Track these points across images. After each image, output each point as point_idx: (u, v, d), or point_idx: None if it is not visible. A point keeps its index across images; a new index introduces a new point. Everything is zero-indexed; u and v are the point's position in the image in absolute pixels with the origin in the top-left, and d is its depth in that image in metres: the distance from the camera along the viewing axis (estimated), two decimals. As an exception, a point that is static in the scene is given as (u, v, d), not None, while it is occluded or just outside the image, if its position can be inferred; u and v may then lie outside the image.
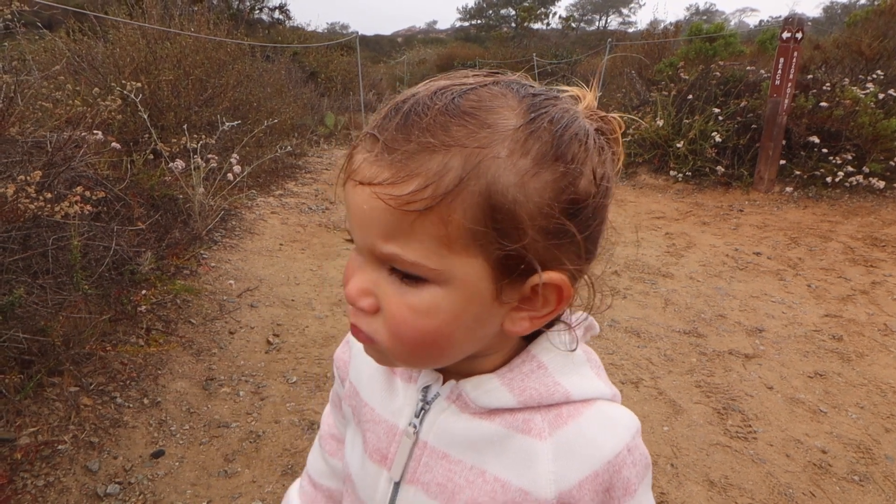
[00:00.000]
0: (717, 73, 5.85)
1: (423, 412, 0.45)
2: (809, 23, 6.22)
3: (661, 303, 2.87)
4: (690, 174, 5.33)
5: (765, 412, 1.98)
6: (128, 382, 1.86)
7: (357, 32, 8.48)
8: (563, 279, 0.38)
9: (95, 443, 1.61)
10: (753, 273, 3.33)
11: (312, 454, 0.66)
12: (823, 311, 2.82)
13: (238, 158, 3.56)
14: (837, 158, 4.80)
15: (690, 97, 5.67)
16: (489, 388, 0.43)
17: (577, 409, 0.43)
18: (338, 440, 0.62)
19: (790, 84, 4.83)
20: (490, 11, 41.67)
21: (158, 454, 1.61)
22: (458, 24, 48.42)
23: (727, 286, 3.12)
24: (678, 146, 5.36)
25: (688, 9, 52.55)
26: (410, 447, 0.45)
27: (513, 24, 34.70)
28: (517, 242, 0.36)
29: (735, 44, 6.65)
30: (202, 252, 2.95)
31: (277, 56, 7.35)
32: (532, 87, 0.39)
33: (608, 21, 48.20)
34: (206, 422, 1.78)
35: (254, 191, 4.14)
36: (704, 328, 2.61)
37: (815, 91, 5.03)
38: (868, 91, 4.84)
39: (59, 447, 1.55)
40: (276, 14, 13.00)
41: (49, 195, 1.84)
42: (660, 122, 5.58)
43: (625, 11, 48.07)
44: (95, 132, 2.56)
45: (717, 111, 5.36)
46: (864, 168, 4.70)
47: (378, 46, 32.89)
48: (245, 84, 4.88)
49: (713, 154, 5.23)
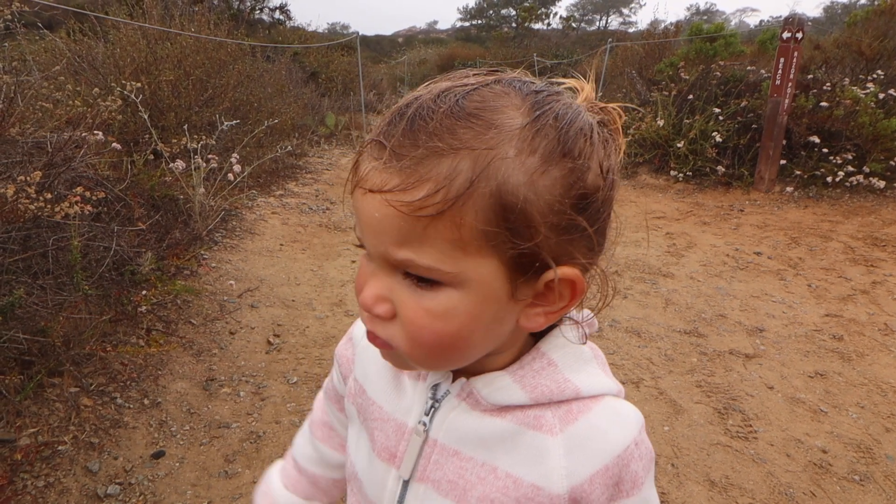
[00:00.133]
0: (718, 73, 5.85)
1: (433, 410, 0.45)
2: (809, 23, 6.22)
3: (662, 303, 2.87)
4: (691, 174, 5.33)
5: (765, 412, 1.98)
6: (128, 383, 1.87)
7: (357, 32, 8.48)
8: (577, 273, 0.38)
9: (96, 443, 1.61)
10: (754, 273, 3.33)
11: (300, 438, 0.65)
12: (824, 311, 2.82)
13: (238, 158, 3.56)
14: (838, 158, 4.80)
15: (691, 97, 5.67)
16: (501, 386, 0.43)
17: (587, 405, 0.44)
18: (329, 428, 0.62)
19: (790, 84, 4.83)
20: (491, 11, 41.68)
21: (159, 455, 1.61)
22: (459, 25, 48.45)
23: (728, 286, 3.12)
24: (679, 146, 5.36)
25: (688, 9, 52.55)
26: (420, 445, 0.45)
27: (513, 25, 34.71)
28: (530, 241, 0.36)
29: (735, 44, 6.64)
30: (202, 252, 2.95)
31: (278, 56, 7.35)
32: (533, 84, 0.39)
33: (609, 21, 48.22)
34: (207, 422, 1.78)
35: (254, 191, 4.14)
36: (705, 328, 2.61)
37: (816, 91, 5.03)
38: (868, 91, 4.83)
39: (60, 448, 1.56)
40: (277, 14, 13.01)
41: (49, 195, 1.84)
42: (660, 122, 5.58)
43: (625, 11, 48.08)
44: (96, 132, 2.56)
45: (718, 111, 5.35)
46: (865, 168, 4.70)
47: (379, 47, 32.90)
48: (246, 84, 4.88)
49: (714, 154, 5.23)
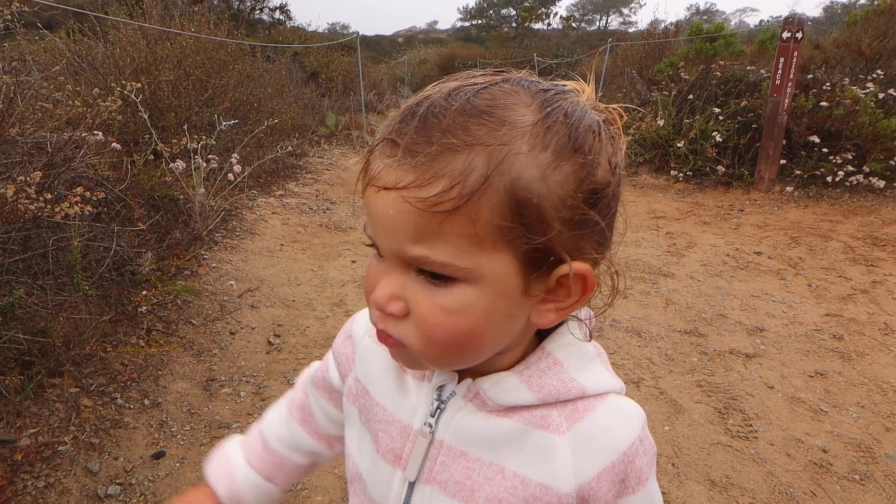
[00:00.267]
0: (718, 73, 5.85)
1: (439, 411, 0.45)
2: (809, 22, 6.22)
3: (662, 302, 2.87)
4: (691, 174, 5.33)
5: (766, 411, 1.98)
6: (128, 383, 1.87)
7: (357, 32, 8.48)
8: (588, 268, 0.39)
9: (96, 444, 1.61)
10: (754, 272, 3.33)
11: (274, 416, 0.63)
12: (824, 311, 2.82)
13: (238, 159, 3.56)
14: (837, 158, 4.80)
15: (691, 97, 5.67)
16: (508, 387, 0.43)
17: (592, 403, 0.44)
18: (308, 413, 0.61)
19: (790, 84, 4.83)
20: (491, 11, 41.68)
21: (159, 455, 1.61)
22: (459, 25, 48.45)
23: (728, 286, 3.12)
24: (679, 146, 5.36)
25: (688, 9, 52.55)
26: (426, 447, 0.45)
27: (513, 24, 34.71)
28: (544, 235, 0.36)
29: (735, 44, 6.64)
30: (203, 252, 2.95)
31: (278, 56, 7.35)
32: (540, 83, 0.39)
33: (609, 21, 48.22)
34: (207, 423, 1.77)
35: (254, 191, 4.14)
36: (705, 328, 2.61)
37: (816, 91, 5.03)
38: (868, 91, 4.83)
39: (60, 448, 1.55)
40: (277, 14, 13.01)
41: (49, 196, 1.84)
42: (660, 122, 5.58)
43: (625, 11, 48.09)
44: (96, 133, 2.56)
45: (718, 111, 5.36)
46: (865, 167, 4.70)
47: (379, 47, 32.91)
48: (246, 84, 4.88)
49: (714, 154, 5.23)
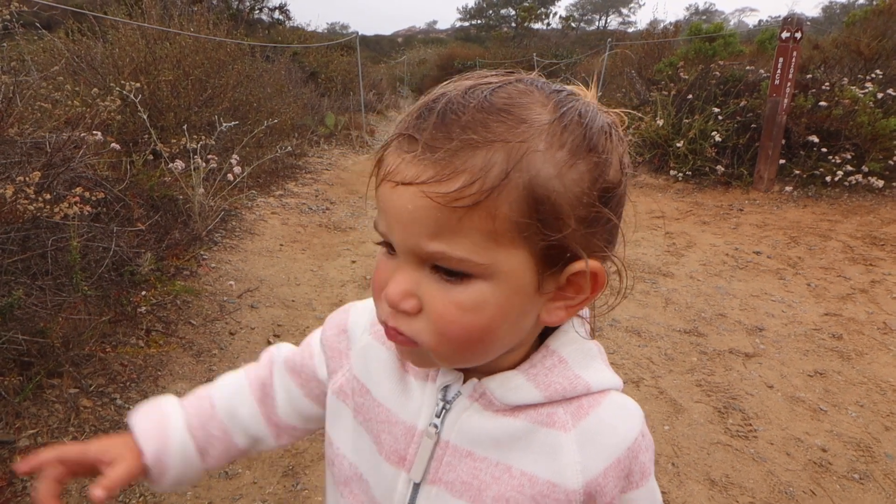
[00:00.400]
0: (717, 73, 5.86)
1: (445, 411, 0.45)
2: (808, 23, 6.23)
3: (662, 302, 2.87)
4: (690, 174, 5.33)
5: (765, 411, 1.98)
6: (128, 384, 1.86)
7: (357, 32, 8.49)
8: (600, 266, 0.39)
9: (95, 444, 1.60)
10: (753, 272, 3.33)
11: (231, 386, 0.58)
12: (823, 310, 2.82)
13: (238, 159, 3.56)
14: (836, 158, 4.80)
15: (690, 97, 5.68)
16: (515, 386, 0.43)
17: (596, 400, 0.45)
18: (269, 393, 0.58)
19: (789, 84, 4.84)
20: (490, 11, 41.69)
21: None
22: (458, 25, 48.47)
23: (727, 285, 3.12)
24: (678, 146, 5.36)
25: (687, 9, 52.61)
26: (432, 447, 0.45)
27: (513, 24, 34.72)
28: (559, 233, 0.37)
29: (734, 43, 6.64)
30: (202, 253, 2.94)
31: (277, 56, 7.35)
32: (551, 84, 0.40)
33: (608, 21, 48.25)
34: (207, 422, 1.77)
35: (254, 191, 4.14)
36: (705, 327, 2.61)
37: (815, 90, 5.03)
38: (867, 90, 4.84)
39: (60, 448, 1.55)
40: (276, 14, 13.00)
41: (48, 196, 1.84)
42: (660, 122, 5.59)
43: (624, 11, 48.12)
44: (95, 133, 2.56)
45: (717, 111, 5.36)
46: (863, 167, 4.70)
47: (378, 46, 32.92)
48: (245, 84, 4.88)
49: (713, 153, 5.23)
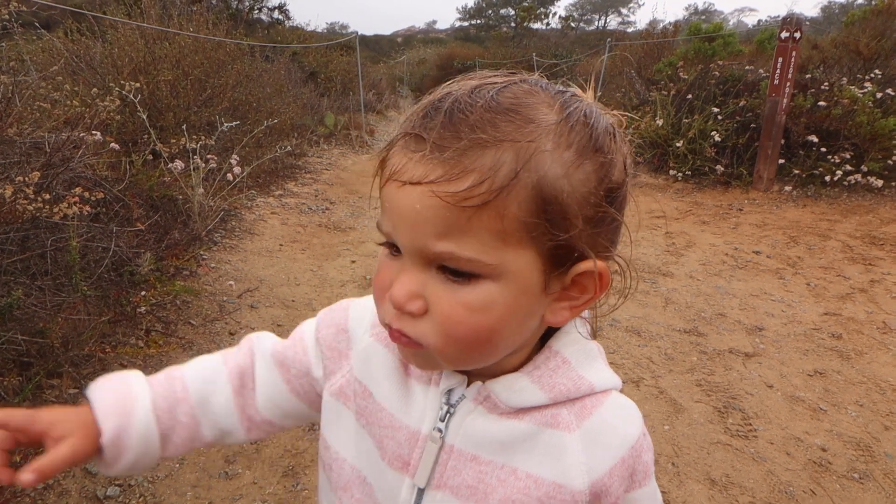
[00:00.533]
0: (716, 73, 5.86)
1: (449, 415, 0.44)
2: (807, 22, 6.23)
3: (662, 302, 2.87)
4: (690, 173, 5.33)
5: (765, 410, 1.98)
6: (127, 383, 1.86)
7: (356, 32, 8.49)
8: (605, 266, 0.39)
9: (95, 444, 1.60)
10: (753, 272, 3.34)
11: (207, 370, 0.54)
12: (823, 310, 2.82)
13: (238, 159, 3.55)
14: (836, 157, 4.80)
15: (690, 97, 5.68)
16: (520, 388, 0.43)
17: (599, 400, 0.45)
18: (246, 384, 0.54)
19: (789, 83, 4.84)
20: (489, 11, 41.69)
21: (158, 455, 1.61)
22: (458, 24, 48.47)
23: (727, 285, 3.12)
24: (678, 145, 5.36)
25: (686, 9, 52.63)
26: (436, 452, 0.44)
27: (512, 24, 34.72)
28: (567, 232, 0.37)
29: (734, 43, 6.64)
30: (202, 253, 2.94)
31: (277, 56, 7.34)
32: (554, 85, 0.40)
33: (607, 21, 48.27)
34: (206, 423, 1.77)
35: (253, 191, 4.14)
36: (705, 327, 2.61)
37: (814, 90, 5.04)
38: (866, 90, 4.84)
39: (59, 448, 1.55)
40: (276, 14, 13.00)
41: (47, 196, 1.83)
42: (659, 122, 5.59)
43: (624, 11, 48.15)
44: (94, 133, 2.56)
45: (717, 110, 5.36)
46: (863, 167, 4.71)
47: (378, 46, 32.92)
48: (244, 84, 4.88)
49: (712, 153, 5.24)
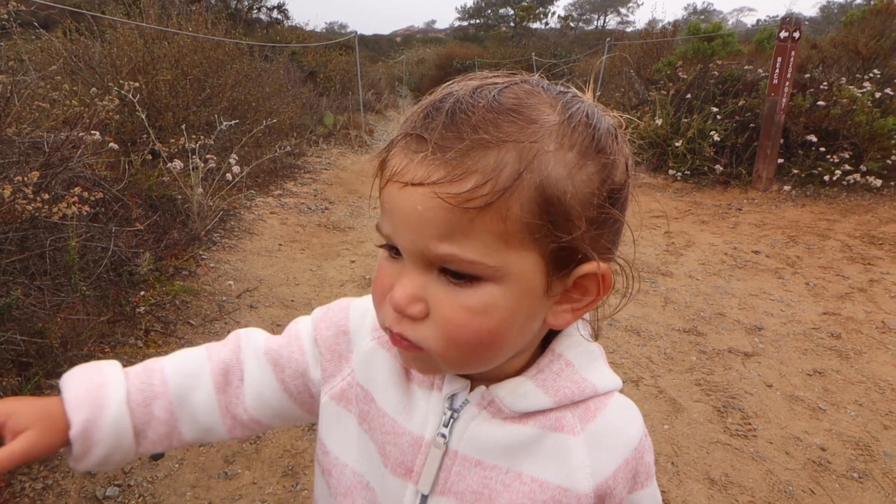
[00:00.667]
0: (716, 73, 5.86)
1: (452, 420, 0.44)
2: (806, 22, 6.23)
3: (661, 301, 2.88)
4: (689, 173, 5.33)
5: (764, 410, 1.98)
6: (127, 383, 1.86)
7: (356, 32, 8.48)
8: (607, 268, 0.39)
9: (94, 444, 1.60)
10: (752, 271, 3.34)
11: (190, 363, 0.52)
12: (822, 309, 2.83)
13: (237, 158, 3.55)
14: (835, 157, 4.81)
15: (689, 96, 5.68)
16: (524, 392, 0.43)
17: (602, 402, 0.45)
18: (232, 381, 0.53)
19: (788, 83, 4.84)
20: (489, 11, 41.67)
21: (158, 456, 1.61)
22: (457, 24, 48.44)
23: (726, 284, 3.12)
24: (677, 145, 5.37)
25: (685, 8, 52.64)
26: (440, 458, 0.44)
27: (511, 24, 34.71)
28: (569, 234, 0.36)
29: (733, 43, 6.64)
30: (201, 253, 2.94)
31: (276, 56, 7.33)
32: (555, 86, 0.40)
33: (606, 21, 48.29)
34: (206, 423, 1.77)
35: (253, 191, 4.13)
36: (704, 326, 2.61)
37: (813, 90, 5.04)
38: (865, 90, 4.85)
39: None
40: (275, 14, 12.99)
41: (46, 196, 1.83)
42: (658, 122, 5.59)
43: (623, 11, 48.16)
44: (93, 132, 2.55)
45: (716, 110, 5.36)
46: (862, 166, 4.71)
47: (377, 46, 32.91)
48: (243, 84, 4.87)
49: (712, 153, 5.24)
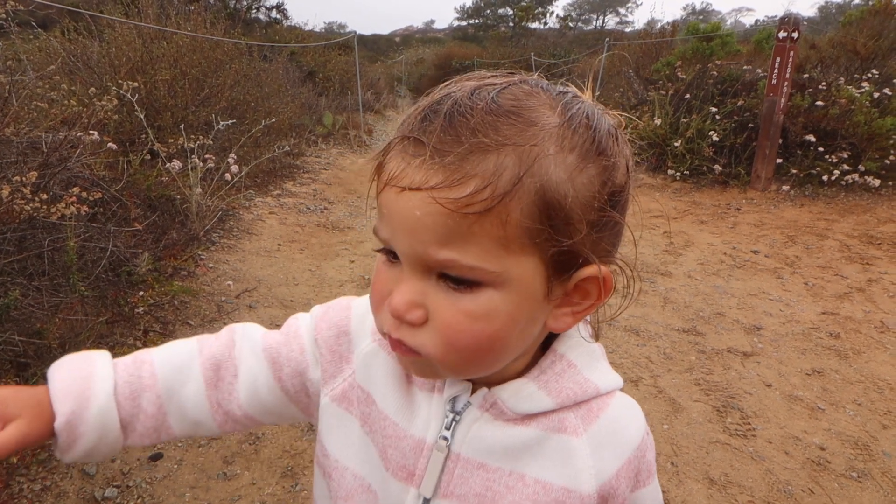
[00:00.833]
0: (714, 73, 5.86)
1: (454, 423, 0.44)
2: (805, 22, 6.24)
3: (660, 301, 2.88)
4: (688, 173, 5.34)
5: (763, 410, 1.98)
6: (125, 384, 1.85)
7: (355, 32, 8.48)
8: (608, 271, 0.39)
9: (93, 445, 1.60)
10: (751, 271, 3.34)
11: (181, 356, 0.51)
12: (820, 309, 2.83)
13: (235, 158, 3.54)
14: (833, 157, 4.82)
15: (688, 96, 5.68)
16: (527, 394, 0.43)
17: (604, 402, 0.45)
18: (224, 380, 0.51)
19: (786, 83, 4.85)
20: (488, 11, 41.68)
21: (157, 457, 1.60)
22: (456, 24, 48.44)
23: (725, 284, 3.13)
24: (676, 145, 5.37)
25: (684, 8, 52.71)
26: (443, 461, 0.43)
27: (510, 24, 34.74)
28: (570, 238, 0.36)
29: (732, 43, 6.64)
30: (200, 253, 2.93)
31: (275, 55, 7.33)
32: (554, 86, 0.39)
33: (605, 21, 48.33)
34: (205, 423, 1.76)
35: (251, 191, 4.13)
36: (703, 326, 2.61)
37: (811, 90, 5.05)
38: (863, 90, 4.85)
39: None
40: (274, 13, 12.99)
41: (45, 196, 1.83)
42: (657, 122, 5.59)
43: (622, 11, 48.21)
44: (91, 132, 2.55)
45: (715, 110, 5.37)
46: (860, 166, 4.72)
47: (376, 46, 32.88)
48: (242, 84, 4.87)
49: (710, 153, 5.24)
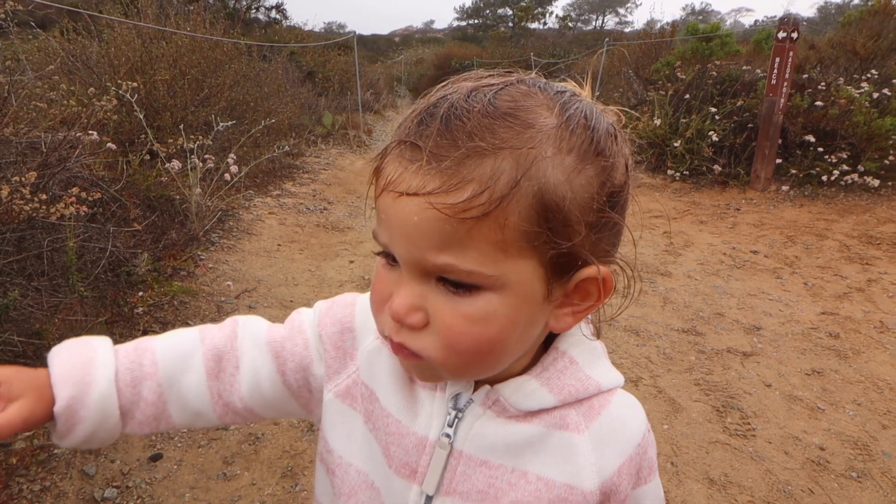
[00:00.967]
0: (714, 73, 5.87)
1: (457, 420, 0.44)
2: (804, 23, 6.24)
3: (660, 301, 2.88)
4: (688, 173, 5.34)
5: (763, 410, 1.98)
6: (125, 384, 1.85)
7: (354, 32, 8.48)
8: (608, 271, 0.39)
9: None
10: (751, 271, 3.34)
11: (184, 345, 0.50)
12: (820, 309, 2.83)
13: (235, 158, 3.54)
14: (833, 157, 4.82)
15: (687, 97, 5.69)
16: (529, 391, 0.43)
17: (606, 399, 0.45)
18: (226, 372, 0.50)
19: (786, 83, 4.85)
20: (487, 11, 41.69)
21: (156, 457, 1.60)
22: (456, 24, 48.44)
23: (725, 284, 3.13)
24: (675, 145, 5.37)
25: (684, 9, 52.75)
26: (445, 458, 0.43)
27: (510, 24, 34.76)
28: (569, 240, 0.36)
29: (731, 43, 6.65)
30: (199, 253, 2.93)
31: (274, 55, 7.33)
32: (553, 85, 0.39)
33: (605, 21, 48.36)
34: (205, 423, 1.76)
35: (251, 191, 4.12)
36: (703, 326, 2.61)
37: (811, 90, 5.05)
38: (863, 90, 4.86)
39: (56, 451, 1.54)
40: (273, 13, 12.99)
41: (44, 196, 1.82)
42: (657, 122, 5.59)
43: (621, 11, 48.24)
44: (91, 132, 2.54)
45: (714, 110, 5.37)
46: (859, 167, 4.72)
47: (375, 46, 32.90)
48: (242, 84, 4.86)
49: (710, 153, 5.25)
